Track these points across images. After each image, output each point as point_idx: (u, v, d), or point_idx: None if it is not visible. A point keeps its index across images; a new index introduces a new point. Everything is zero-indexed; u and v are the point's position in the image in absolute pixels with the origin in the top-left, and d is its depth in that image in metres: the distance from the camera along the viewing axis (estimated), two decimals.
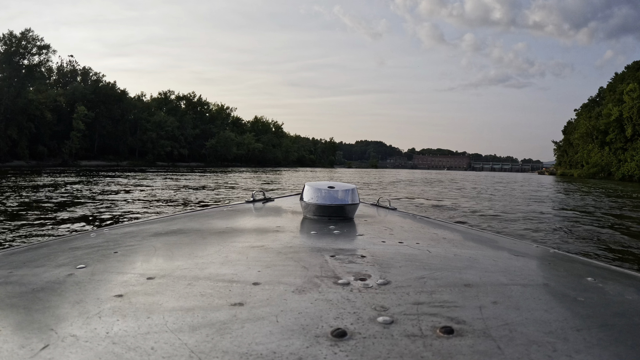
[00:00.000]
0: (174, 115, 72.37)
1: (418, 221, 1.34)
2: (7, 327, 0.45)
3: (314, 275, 0.63)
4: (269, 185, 15.39)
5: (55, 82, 59.13)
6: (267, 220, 1.22)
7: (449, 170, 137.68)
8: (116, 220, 5.82)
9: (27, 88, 46.90)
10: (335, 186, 1.27)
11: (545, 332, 0.43)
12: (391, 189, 14.94)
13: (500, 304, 0.52)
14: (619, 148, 49.35)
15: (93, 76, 61.61)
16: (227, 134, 79.40)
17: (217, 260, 0.72)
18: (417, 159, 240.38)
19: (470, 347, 0.40)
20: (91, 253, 0.80)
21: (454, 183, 21.16)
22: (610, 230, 5.91)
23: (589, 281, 0.66)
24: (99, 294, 0.55)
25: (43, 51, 49.77)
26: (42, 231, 4.78)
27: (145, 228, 1.09)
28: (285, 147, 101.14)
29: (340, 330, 0.43)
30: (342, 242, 0.89)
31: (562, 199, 11.60)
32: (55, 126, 49.60)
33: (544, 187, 19.00)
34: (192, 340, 0.41)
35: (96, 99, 57.12)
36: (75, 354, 0.38)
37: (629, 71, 60.05)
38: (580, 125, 60.90)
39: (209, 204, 8.14)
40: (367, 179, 24.70)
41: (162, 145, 65.97)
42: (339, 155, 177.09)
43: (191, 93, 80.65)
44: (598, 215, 8.08)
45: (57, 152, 50.35)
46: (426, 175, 39.12)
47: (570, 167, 66.63)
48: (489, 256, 0.82)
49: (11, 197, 8.44)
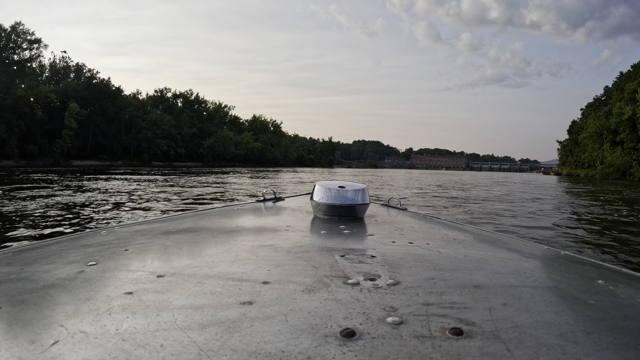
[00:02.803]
0: (170, 113, 70.29)
1: (428, 222, 1.33)
2: (18, 323, 0.45)
3: (324, 274, 0.63)
4: (270, 188, 13.78)
5: (48, 80, 57.02)
6: (277, 220, 1.22)
7: (447, 170, 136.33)
8: (120, 220, 5.53)
9: (17, 84, 44.91)
10: (346, 186, 1.26)
11: (555, 335, 0.43)
12: (401, 191, 13.46)
13: (510, 305, 0.52)
14: (630, 147, 48.00)
15: (87, 73, 59.54)
16: (225, 133, 77.56)
17: (227, 258, 0.72)
18: (414, 158, 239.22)
19: (480, 349, 0.40)
20: (102, 250, 0.80)
21: (468, 186, 19.54)
22: (625, 234, 5.57)
23: (600, 284, 0.65)
24: (109, 291, 0.55)
25: (34, 46, 47.91)
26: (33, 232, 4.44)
27: (155, 226, 1.10)
28: (284, 146, 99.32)
29: (349, 330, 0.43)
30: (352, 242, 0.89)
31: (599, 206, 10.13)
32: (46, 124, 47.53)
33: (567, 191, 17.45)
34: (201, 338, 0.41)
35: (89, 96, 55.01)
36: (84, 350, 0.39)
37: (635, 70, 58.92)
38: (589, 125, 59.51)
39: (212, 204, 6.51)
40: (383, 182, 23.10)
41: (158, 144, 64.02)
42: (337, 155, 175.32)
43: (188, 91, 78.53)
44: (616, 217, 7.55)
45: (48, 152, 48.25)
46: (431, 177, 37.57)
47: (576, 167, 65.39)
48: (499, 257, 0.82)
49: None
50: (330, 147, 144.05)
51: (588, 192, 16.22)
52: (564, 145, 76.92)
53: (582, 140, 61.67)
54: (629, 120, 48.25)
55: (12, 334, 0.43)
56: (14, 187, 10.52)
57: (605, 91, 67.71)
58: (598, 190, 17.85)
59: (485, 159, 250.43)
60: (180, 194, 9.91)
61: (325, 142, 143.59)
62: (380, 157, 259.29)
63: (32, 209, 6.26)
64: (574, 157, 68.59)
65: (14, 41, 45.94)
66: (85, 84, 56.49)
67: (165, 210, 6.90)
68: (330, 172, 44.29)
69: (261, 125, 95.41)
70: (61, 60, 59.60)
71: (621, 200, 12.28)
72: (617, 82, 63.08)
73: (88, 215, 5.92)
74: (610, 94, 62.45)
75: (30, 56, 48.25)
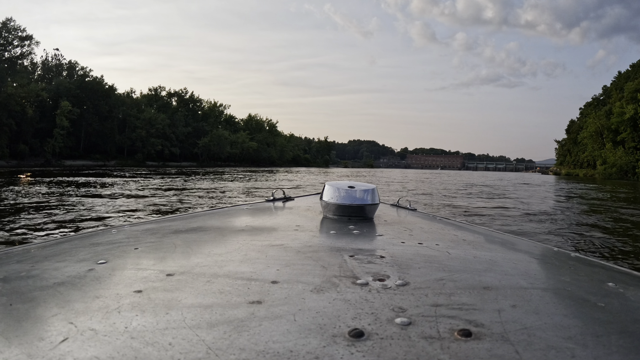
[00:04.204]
0: (164, 112, 69.05)
1: (438, 222, 1.33)
2: (28, 320, 0.46)
3: (333, 274, 0.63)
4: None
5: (40, 78, 55.74)
6: (286, 219, 1.22)
7: (443, 170, 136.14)
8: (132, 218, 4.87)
9: (7, 82, 43.71)
10: (355, 186, 1.26)
11: (564, 338, 0.43)
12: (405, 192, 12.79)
13: (519, 307, 0.51)
14: (632, 147, 47.60)
15: (79, 71, 58.34)
16: (221, 132, 76.45)
17: (236, 258, 0.72)
18: (410, 158, 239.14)
19: (488, 351, 0.39)
20: (112, 249, 0.81)
21: (480, 189, 18.81)
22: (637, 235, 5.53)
23: (610, 286, 0.65)
24: (119, 289, 0.56)
25: (25, 42, 46.85)
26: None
27: (165, 225, 1.11)
28: (280, 146, 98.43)
29: (358, 331, 0.43)
30: (361, 242, 0.89)
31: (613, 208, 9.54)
32: (38, 123, 46.33)
33: (577, 192, 16.80)
34: (209, 337, 0.41)
35: (82, 95, 53.79)
36: (93, 348, 0.39)
37: (634, 69, 58.68)
38: (588, 124, 59.14)
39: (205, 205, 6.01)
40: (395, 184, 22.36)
41: (152, 143, 62.81)
42: (332, 155, 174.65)
43: (183, 89, 77.46)
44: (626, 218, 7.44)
45: (39, 151, 47.04)
46: (435, 176, 36.90)
47: (575, 166, 65.08)
48: (509, 259, 0.81)
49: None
50: (326, 146, 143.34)
51: (595, 192, 15.79)
52: (562, 144, 76.66)
53: (582, 139, 61.33)
54: (630, 119, 47.85)
55: (22, 331, 0.43)
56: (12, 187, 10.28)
57: (604, 91, 67.56)
58: (605, 190, 17.53)
59: (480, 159, 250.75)
60: (175, 195, 9.26)
61: (321, 142, 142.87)
62: (376, 156, 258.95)
63: (30, 210, 6.14)
64: (573, 156, 68.33)
65: (4, 38, 44.86)
66: (77, 82, 55.35)
67: (165, 210, 6.75)
68: (326, 172, 43.54)
69: (257, 125, 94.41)
70: (53, 58, 58.43)
71: (628, 200, 12.00)
72: (615, 81, 62.94)
73: (83, 215, 5.69)
74: (610, 93, 62.24)
75: (21, 53, 47.19)
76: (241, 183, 15.87)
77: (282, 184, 16.77)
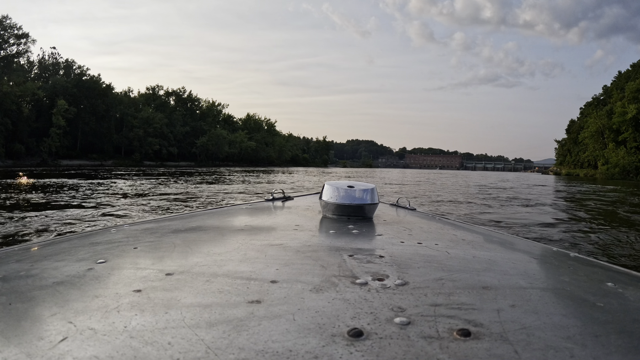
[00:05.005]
0: (162, 111, 68.39)
1: (437, 222, 1.33)
2: (27, 319, 0.46)
3: (332, 274, 0.63)
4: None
5: (37, 77, 55.04)
6: (286, 219, 1.22)
7: (441, 170, 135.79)
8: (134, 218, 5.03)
9: (3, 80, 43.10)
10: (355, 186, 1.27)
11: (563, 338, 0.43)
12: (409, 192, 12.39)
13: (518, 307, 0.51)
14: (634, 147, 47.28)
15: (76, 69, 57.58)
16: (219, 131, 75.72)
17: (235, 257, 0.72)
18: (408, 158, 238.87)
19: (487, 351, 0.39)
20: (111, 248, 0.81)
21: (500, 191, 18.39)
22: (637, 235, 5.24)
23: (609, 286, 0.65)
24: (118, 288, 0.55)
25: (21, 40, 46.30)
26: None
27: (164, 225, 1.11)
28: (278, 145, 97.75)
29: (357, 330, 0.43)
30: (360, 242, 0.89)
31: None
32: (34, 122, 45.76)
33: (580, 192, 16.44)
34: (208, 336, 0.41)
35: (79, 94, 53.09)
36: (93, 347, 0.39)
37: (634, 69, 58.40)
38: (589, 124, 58.79)
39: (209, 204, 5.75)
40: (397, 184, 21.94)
41: (149, 143, 62.14)
42: (331, 155, 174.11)
43: (181, 88, 76.64)
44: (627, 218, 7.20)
45: (35, 151, 46.31)
46: (435, 176, 36.47)
47: (575, 166, 64.78)
48: (508, 259, 0.81)
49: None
50: (324, 146, 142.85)
51: (602, 193, 15.36)
52: (562, 144, 76.30)
53: (583, 139, 60.94)
54: (632, 119, 47.50)
55: (21, 330, 0.43)
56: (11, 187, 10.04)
57: (605, 90, 67.22)
58: (612, 191, 17.09)
59: (479, 159, 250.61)
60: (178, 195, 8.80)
61: (319, 142, 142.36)
62: (374, 156, 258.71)
63: (29, 210, 6.04)
64: (573, 156, 68.00)
65: (0, 36, 44.20)
66: (74, 80, 54.61)
67: (164, 210, 6.64)
68: (325, 172, 43.06)
69: (255, 124, 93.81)
70: (50, 56, 57.76)
71: (632, 201, 11.60)
72: (616, 81, 62.63)
73: (81, 216, 5.58)
74: (610, 93, 61.92)
75: (17, 51, 46.64)
76: (240, 183, 15.55)
77: (282, 184, 16.42)
